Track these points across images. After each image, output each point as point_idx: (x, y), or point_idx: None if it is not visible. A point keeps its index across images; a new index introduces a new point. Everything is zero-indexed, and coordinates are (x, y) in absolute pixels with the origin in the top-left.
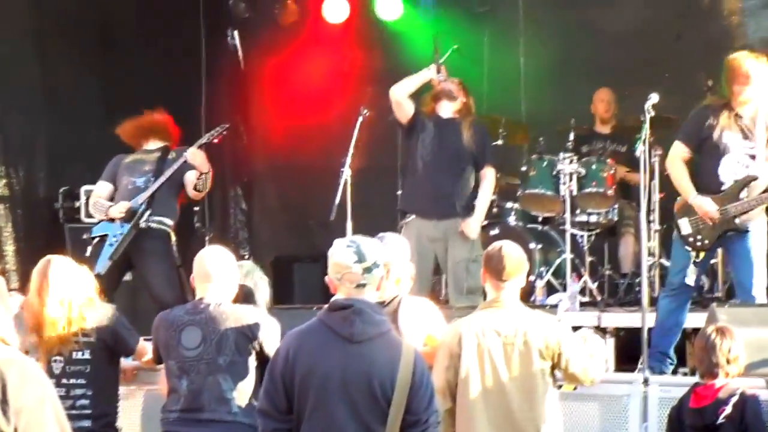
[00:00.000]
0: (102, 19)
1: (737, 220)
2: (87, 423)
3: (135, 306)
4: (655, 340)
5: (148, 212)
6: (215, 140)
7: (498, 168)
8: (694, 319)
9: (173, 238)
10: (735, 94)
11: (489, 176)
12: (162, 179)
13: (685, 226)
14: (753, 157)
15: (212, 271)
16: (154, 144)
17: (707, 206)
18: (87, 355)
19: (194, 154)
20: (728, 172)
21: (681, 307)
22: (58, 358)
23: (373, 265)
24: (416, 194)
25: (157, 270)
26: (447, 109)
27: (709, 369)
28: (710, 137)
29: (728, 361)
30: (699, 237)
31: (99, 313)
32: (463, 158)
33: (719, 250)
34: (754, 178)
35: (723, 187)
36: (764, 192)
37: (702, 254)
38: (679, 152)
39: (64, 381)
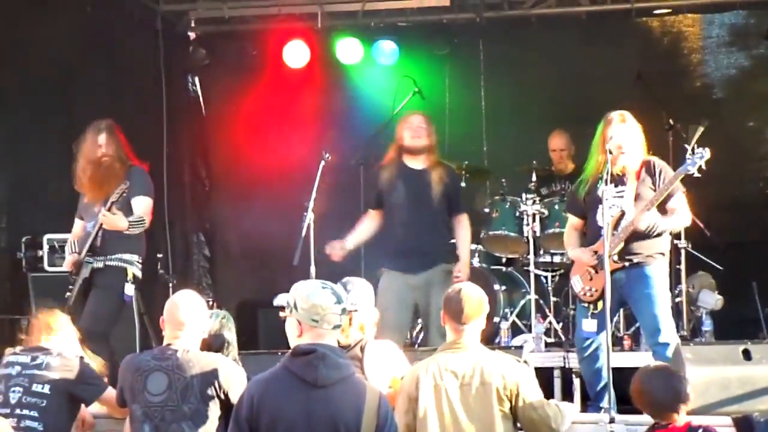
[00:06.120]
0: (63, 67)
1: (614, 257)
2: None
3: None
4: (591, 397)
5: (95, 258)
6: (122, 197)
7: None
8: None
9: (130, 273)
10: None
11: (465, 222)
12: (93, 233)
13: (576, 283)
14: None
15: (184, 318)
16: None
17: (581, 254)
18: (46, 390)
19: (105, 220)
20: (604, 218)
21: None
22: (17, 388)
23: (347, 307)
24: (396, 252)
25: (91, 299)
26: (417, 162)
27: (667, 409)
28: (588, 194)
29: (687, 398)
30: (589, 288)
31: (68, 356)
32: (437, 208)
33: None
34: (622, 214)
35: (601, 232)
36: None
37: (599, 304)
38: (570, 222)
39: (18, 411)
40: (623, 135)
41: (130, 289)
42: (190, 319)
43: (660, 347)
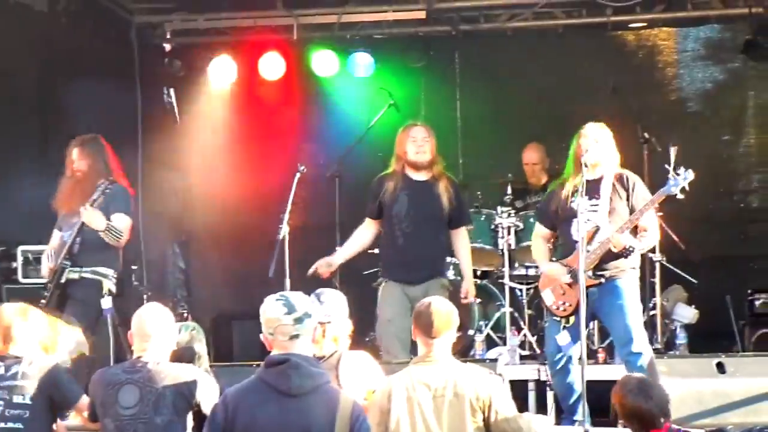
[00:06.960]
0: (37, 78)
1: (589, 273)
2: None
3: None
4: (565, 410)
5: (70, 268)
6: (103, 195)
7: None
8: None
9: (105, 288)
10: (580, 160)
11: (466, 236)
12: (70, 240)
13: (548, 296)
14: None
15: (151, 331)
16: None
17: (555, 269)
18: (27, 400)
19: (85, 213)
20: (579, 232)
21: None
22: None
23: (304, 315)
24: (396, 264)
25: (68, 312)
26: (420, 174)
27: (652, 420)
28: (562, 207)
29: (664, 413)
30: (562, 302)
31: (43, 362)
32: (439, 220)
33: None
34: (597, 229)
35: (576, 246)
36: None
37: (572, 318)
38: (537, 231)
39: (2, 425)
40: (597, 138)
41: (107, 303)
42: (157, 332)
43: (633, 357)
